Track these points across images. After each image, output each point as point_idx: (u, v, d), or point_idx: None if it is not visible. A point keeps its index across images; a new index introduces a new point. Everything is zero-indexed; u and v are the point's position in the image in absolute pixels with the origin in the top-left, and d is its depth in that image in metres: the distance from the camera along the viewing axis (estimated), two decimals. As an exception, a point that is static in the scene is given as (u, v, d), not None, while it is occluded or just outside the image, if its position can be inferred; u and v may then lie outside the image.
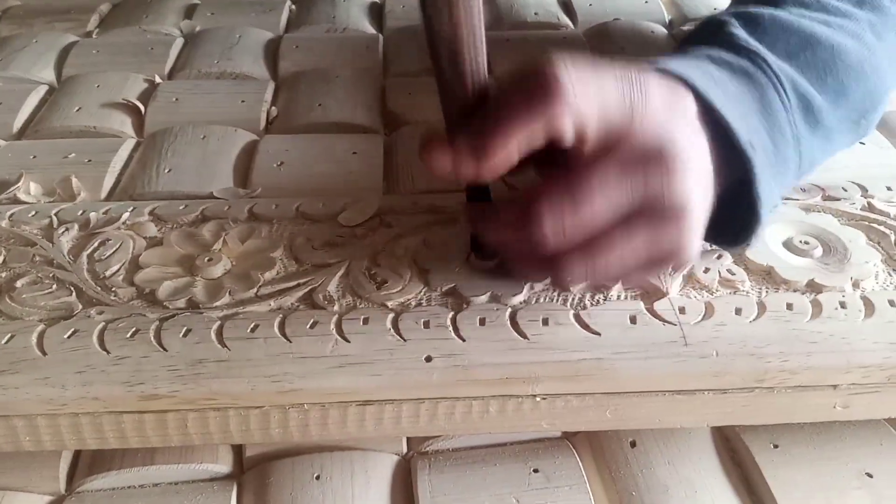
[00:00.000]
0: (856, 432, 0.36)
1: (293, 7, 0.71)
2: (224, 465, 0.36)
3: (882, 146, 0.48)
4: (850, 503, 0.33)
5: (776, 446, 0.36)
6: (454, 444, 0.36)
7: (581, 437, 0.37)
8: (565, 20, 0.68)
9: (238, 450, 0.36)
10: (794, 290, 0.35)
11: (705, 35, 0.41)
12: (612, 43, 0.63)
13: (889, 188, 0.42)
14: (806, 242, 0.37)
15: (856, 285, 0.35)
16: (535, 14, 0.69)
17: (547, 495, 0.34)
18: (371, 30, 0.68)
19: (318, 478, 0.34)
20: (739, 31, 0.39)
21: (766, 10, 0.41)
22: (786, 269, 0.35)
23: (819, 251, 0.37)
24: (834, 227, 0.38)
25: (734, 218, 0.34)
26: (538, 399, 0.32)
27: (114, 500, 0.34)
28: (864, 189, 0.42)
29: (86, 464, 0.36)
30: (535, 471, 0.35)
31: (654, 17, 0.69)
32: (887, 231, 0.38)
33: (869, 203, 0.40)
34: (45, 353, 0.32)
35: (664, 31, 0.66)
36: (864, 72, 0.40)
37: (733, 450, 0.36)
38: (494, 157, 0.30)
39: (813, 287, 0.35)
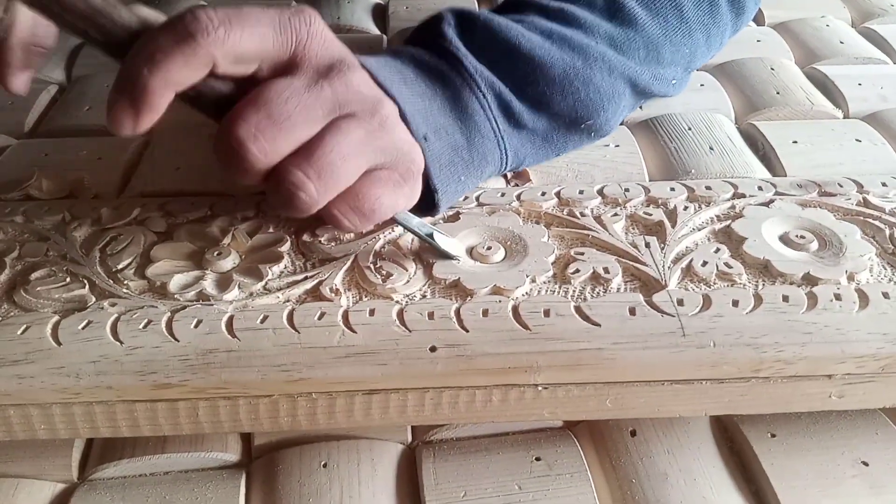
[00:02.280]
0: (851, 422, 0.37)
1: (298, 8, 0.72)
2: (233, 454, 0.36)
3: (877, 143, 0.49)
4: (846, 491, 0.34)
5: (773, 436, 0.36)
6: (458, 434, 0.37)
7: (582, 427, 0.38)
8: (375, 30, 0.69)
9: (247, 438, 0.37)
10: (791, 283, 0.35)
11: (422, 31, 0.43)
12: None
13: (884, 184, 0.42)
14: (802, 237, 0.38)
15: (850, 278, 0.36)
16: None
17: (549, 483, 0.34)
18: (375, 30, 0.68)
19: (325, 466, 0.35)
20: (450, 32, 0.42)
21: (483, 15, 0.43)
22: (782, 263, 0.36)
23: (815, 245, 0.37)
24: (829, 222, 0.39)
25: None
26: (540, 388, 0.33)
27: (125, 487, 0.35)
28: (859, 185, 0.42)
29: (97, 452, 0.37)
30: (538, 459, 0.36)
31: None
32: (882, 226, 0.39)
33: (864, 198, 0.41)
34: (59, 344, 0.33)
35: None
36: (572, 84, 0.42)
37: (731, 439, 0.37)
38: (145, 95, 0.30)
39: (809, 280, 0.35)
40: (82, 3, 0.31)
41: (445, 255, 0.37)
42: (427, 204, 0.39)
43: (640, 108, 0.53)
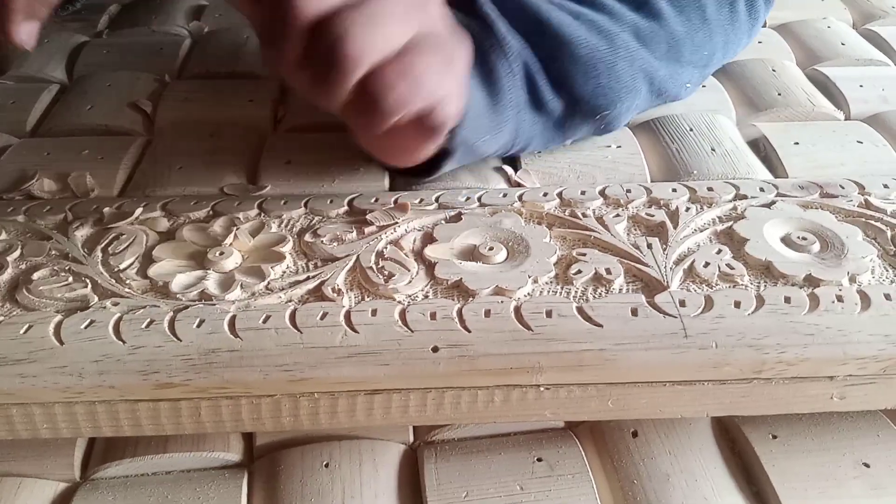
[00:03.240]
0: (853, 423, 0.37)
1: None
2: (235, 454, 0.36)
3: (878, 145, 0.49)
4: (848, 492, 0.34)
5: (775, 437, 0.36)
6: (459, 434, 0.37)
7: (584, 428, 0.38)
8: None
9: (248, 438, 0.37)
10: (792, 284, 0.35)
11: None
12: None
13: (886, 185, 0.42)
14: (804, 238, 0.38)
15: (852, 280, 0.36)
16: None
17: (550, 483, 0.34)
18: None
19: (326, 465, 0.35)
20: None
21: None
22: (784, 264, 0.36)
23: (816, 246, 0.37)
24: (831, 224, 0.39)
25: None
26: (542, 389, 0.33)
27: (127, 487, 0.35)
28: (861, 186, 0.42)
29: (100, 451, 0.37)
30: (539, 460, 0.36)
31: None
32: (883, 227, 0.39)
33: (866, 200, 0.41)
34: (62, 343, 0.33)
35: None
36: (595, 67, 0.42)
37: (733, 440, 0.37)
38: None
39: (810, 281, 0.35)
40: None
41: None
42: (429, 163, 0.38)
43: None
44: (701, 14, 0.47)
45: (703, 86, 0.56)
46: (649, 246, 0.38)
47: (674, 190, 0.42)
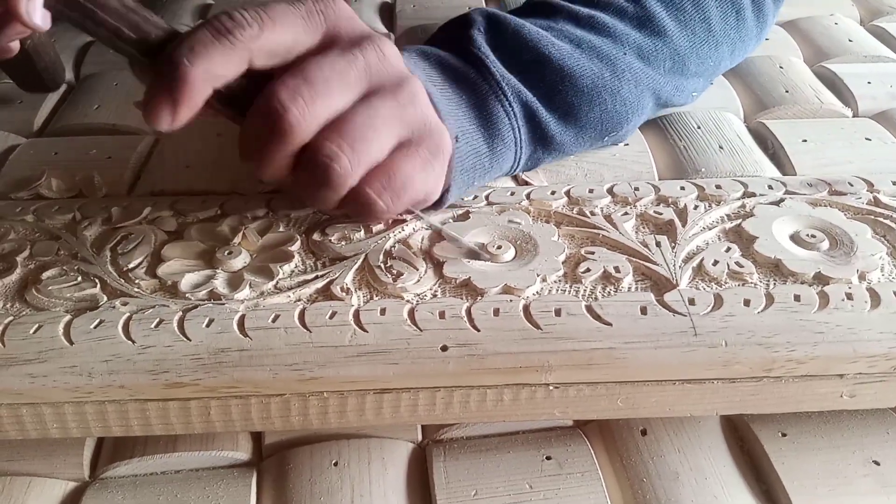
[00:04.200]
0: (862, 421, 0.37)
1: (305, 7, 0.72)
2: (244, 453, 0.37)
3: (887, 142, 0.49)
4: (857, 490, 0.34)
5: (784, 435, 0.36)
6: (468, 433, 0.37)
7: (592, 426, 0.38)
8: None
9: (257, 438, 0.37)
10: (802, 282, 0.35)
11: (451, 32, 0.43)
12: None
13: (894, 182, 0.42)
14: (813, 236, 0.38)
15: (862, 277, 0.35)
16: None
17: (560, 482, 0.34)
18: (383, 29, 0.68)
19: (335, 464, 0.35)
20: (478, 37, 0.42)
21: (514, 22, 0.42)
22: (793, 262, 0.36)
23: (826, 244, 0.37)
24: (840, 221, 0.39)
25: None
26: (551, 388, 0.33)
27: (136, 486, 0.35)
28: (869, 184, 0.42)
29: (109, 451, 0.37)
30: (548, 458, 0.36)
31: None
32: (893, 224, 0.39)
33: (875, 197, 0.41)
34: (71, 343, 0.33)
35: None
36: (600, 95, 0.42)
37: (742, 439, 0.37)
38: (185, 87, 0.31)
39: (820, 279, 0.35)
40: (117, 2, 0.32)
41: (471, 253, 0.37)
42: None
43: None
44: (706, 26, 0.47)
45: (710, 83, 0.56)
46: (658, 244, 0.38)
47: (682, 188, 0.42)
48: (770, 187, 0.42)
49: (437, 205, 0.40)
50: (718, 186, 0.42)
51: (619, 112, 0.44)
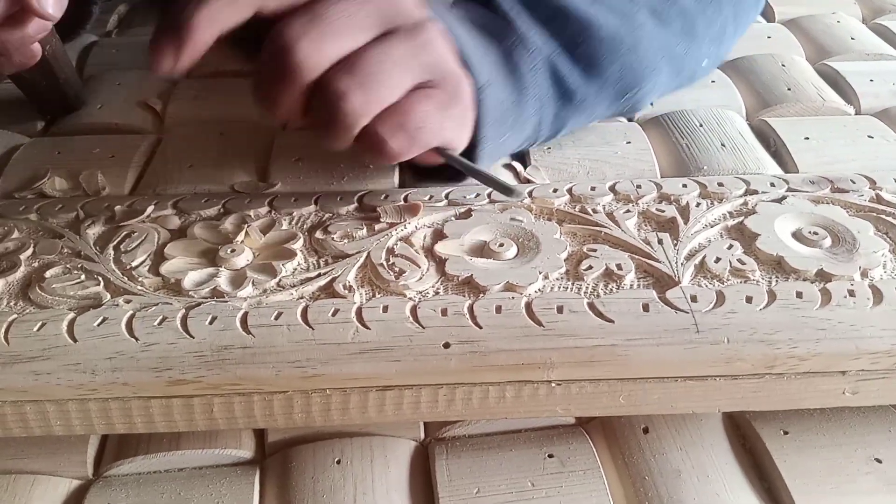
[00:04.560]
0: (864, 419, 0.37)
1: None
2: (247, 451, 0.37)
3: (889, 139, 0.49)
4: (860, 488, 0.34)
5: (786, 433, 0.36)
6: (470, 431, 0.37)
7: (595, 424, 0.38)
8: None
9: (260, 436, 0.37)
10: (804, 279, 0.35)
11: None
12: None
13: (897, 180, 0.42)
14: (815, 233, 0.38)
15: (864, 274, 0.35)
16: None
17: (562, 479, 0.34)
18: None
19: (338, 462, 0.35)
20: None
21: None
22: (795, 259, 0.36)
23: (828, 241, 0.37)
24: (842, 218, 0.39)
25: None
26: (553, 385, 0.33)
27: (140, 484, 0.35)
28: (872, 181, 0.42)
29: (112, 449, 0.37)
30: (550, 456, 0.36)
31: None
32: (895, 222, 0.39)
33: (877, 195, 0.41)
34: (75, 340, 0.33)
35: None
36: (620, 48, 0.42)
37: (744, 437, 0.37)
38: (190, 31, 0.31)
39: (822, 276, 0.35)
40: None
41: (503, 189, 0.37)
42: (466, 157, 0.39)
43: (651, 104, 0.53)
44: None
45: (713, 81, 0.56)
46: (660, 241, 0.38)
47: (684, 185, 0.42)
48: (772, 185, 0.42)
49: (471, 156, 0.39)
50: (721, 184, 0.42)
51: (636, 69, 0.43)
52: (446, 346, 0.32)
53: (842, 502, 0.34)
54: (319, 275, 0.36)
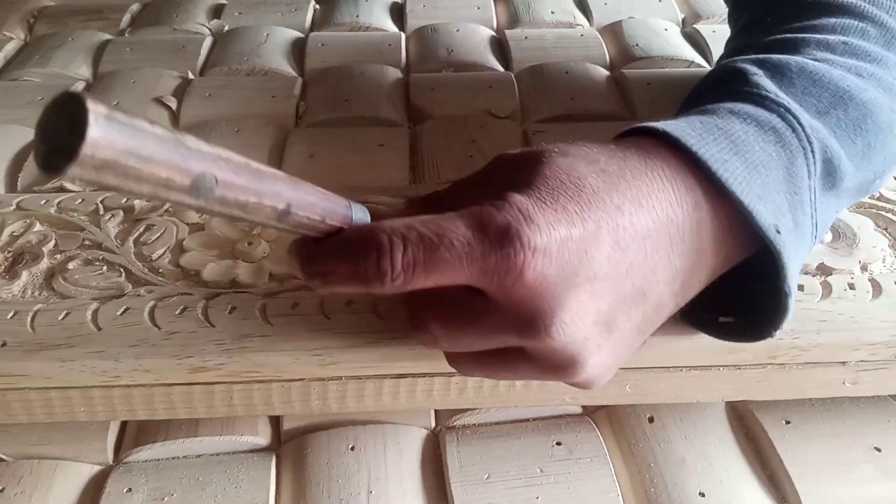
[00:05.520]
0: (864, 409, 0.38)
1: (317, 7, 0.73)
2: (263, 438, 0.38)
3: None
4: (860, 476, 0.35)
5: (788, 422, 0.37)
6: (480, 419, 0.38)
7: (601, 413, 0.39)
8: (581, 19, 0.70)
9: (276, 423, 0.39)
10: (805, 273, 0.36)
11: (725, 84, 0.35)
12: (626, 39, 0.65)
13: (897, 178, 0.43)
14: (817, 229, 0.39)
15: (864, 268, 0.36)
16: (552, 13, 0.70)
17: (570, 466, 0.36)
18: (393, 28, 0.70)
19: (352, 449, 0.36)
20: (766, 82, 0.33)
21: (793, 59, 0.35)
22: (797, 254, 0.37)
23: (829, 236, 0.38)
24: (843, 214, 0.40)
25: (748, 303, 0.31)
26: (562, 374, 0.34)
27: (159, 469, 0.36)
28: (873, 179, 0.43)
29: (132, 436, 0.38)
30: (558, 444, 0.37)
31: (667, 15, 0.70)
32: (895, 218, 0.40)
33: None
34: (99, 329, 0.34)
35: (677, 28, 0.68)
36: (892, 130, 0.35)
37: (747, 426, 0.38)
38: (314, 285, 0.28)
39: (823, 269, 0.36)
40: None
41: None
42: (772, 306, 0.30)
43: None
44: None
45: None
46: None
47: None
48: (775, 182, 0.43)
49: (779, 317, 0.30)
50: (724, 181, 0.43)
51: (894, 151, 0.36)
52: (459, 335, 0.33)
53: (842, 490, 0.35)
54: (334, 267, 0.37)
